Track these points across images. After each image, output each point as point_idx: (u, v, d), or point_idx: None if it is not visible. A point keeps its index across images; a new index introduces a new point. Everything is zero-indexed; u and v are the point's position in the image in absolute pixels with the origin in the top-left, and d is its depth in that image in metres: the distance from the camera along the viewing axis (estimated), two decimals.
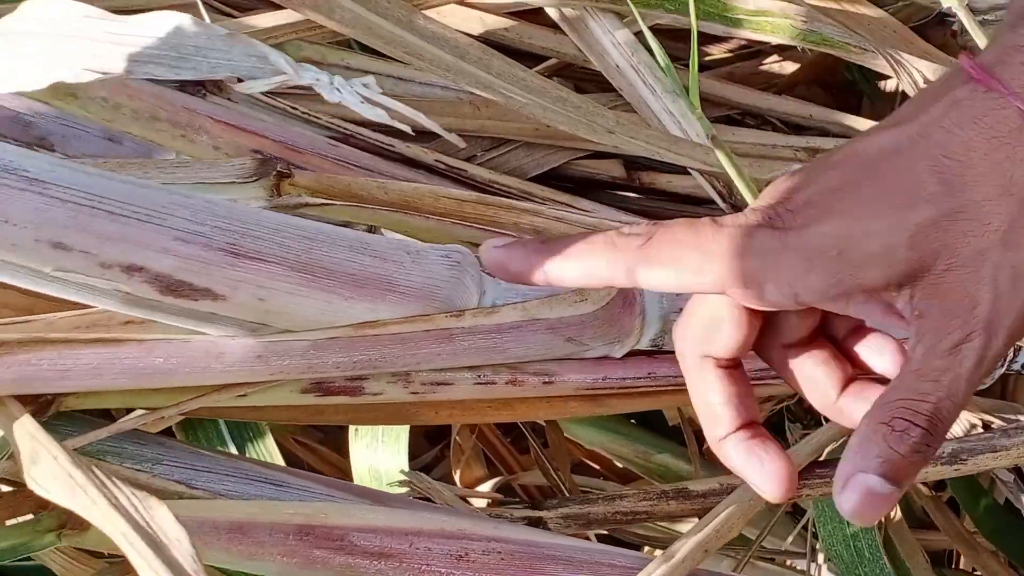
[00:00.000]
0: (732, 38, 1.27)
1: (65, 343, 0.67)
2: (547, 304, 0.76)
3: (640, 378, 0.81)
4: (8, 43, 0.63)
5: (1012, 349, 0.88)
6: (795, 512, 1.27)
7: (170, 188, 0.66)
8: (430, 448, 1.44)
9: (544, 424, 1.27)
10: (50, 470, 0.64)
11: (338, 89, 0.59)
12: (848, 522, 0.98)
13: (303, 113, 1.07)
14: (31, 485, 0.64)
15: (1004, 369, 0.90)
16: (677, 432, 1.33)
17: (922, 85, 1.14)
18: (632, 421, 1.34)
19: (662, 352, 0.82)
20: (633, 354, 0.81)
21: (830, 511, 1.02)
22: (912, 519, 1.27)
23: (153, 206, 0.64)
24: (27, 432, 0.66)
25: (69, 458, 0.63)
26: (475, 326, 0.74)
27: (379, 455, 1.00)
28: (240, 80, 0.59)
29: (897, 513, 1.16)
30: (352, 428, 1.02)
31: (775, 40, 1.16)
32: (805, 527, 1.20)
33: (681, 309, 0.78)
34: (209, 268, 0.66)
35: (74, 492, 0.62)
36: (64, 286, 0.64)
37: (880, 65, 1.15)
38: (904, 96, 1.23)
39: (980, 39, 0.88)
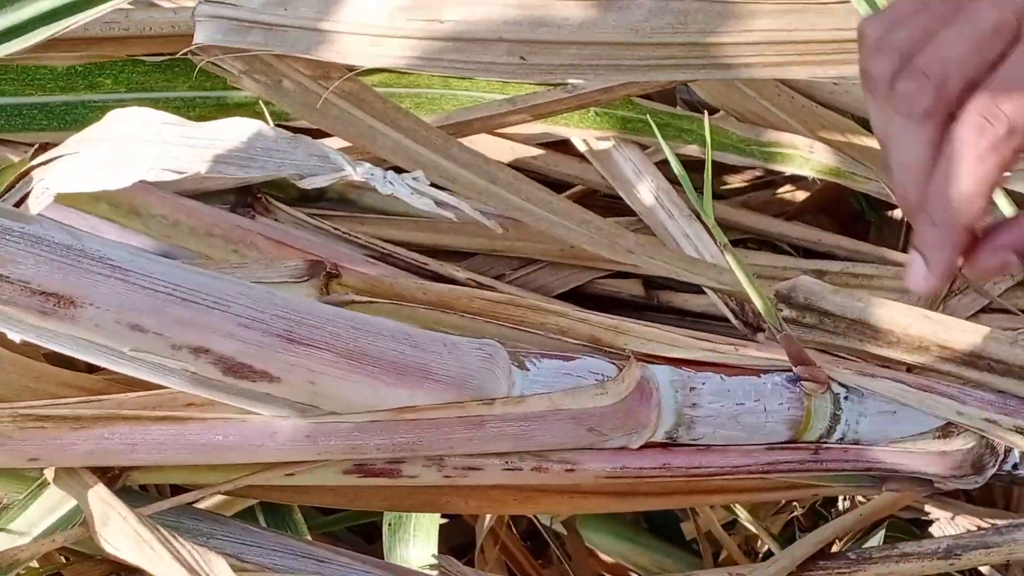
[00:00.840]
0: (747, 168, 1.35)
1: (135, 419, 0.74)
2: (570, 395, 0.83)
3: (656, 468, 0.88)
4: (91, 147, 0.71)
5: (1003, 450, 0.94)
6: None
7: (234, 279, 0.73)
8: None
9: (565, 533, 1.33)
10: (120, 529, 0.71)
11: (391, 182, 0.67)
12: None
13: (344, 233, 1.15)
14: (102, 544, 0.72)
15: (996, 470, 0.95)
16: (693, 546, 1.39)
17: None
18: (649, 532, 1.40)
19: (676, 444, 0.88)
20: (649, 446, 0.87)
21: None
22: None
23: (219, 294, 0.72)
24: (99, 498, 0.73)
25: (137, 518, 0.71)
26: (505, 414, 0.81)
27: (411, 548, 1.06)
28: (302, 177, 0.67)
29: None
30: (386, 525, 1.08)
31: (785, 170, 1.25)
32: None
33: (695, 403, 0.86)
34: (266, 352, 0.73)
35: (141, 548, 0.69)
36: (138, 365, 0.71)
37: (885, 194, 1.23)
38: (909, 225, 1.31)
39: None
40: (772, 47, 1.06)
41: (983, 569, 1.22)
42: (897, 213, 1.41)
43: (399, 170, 0.75)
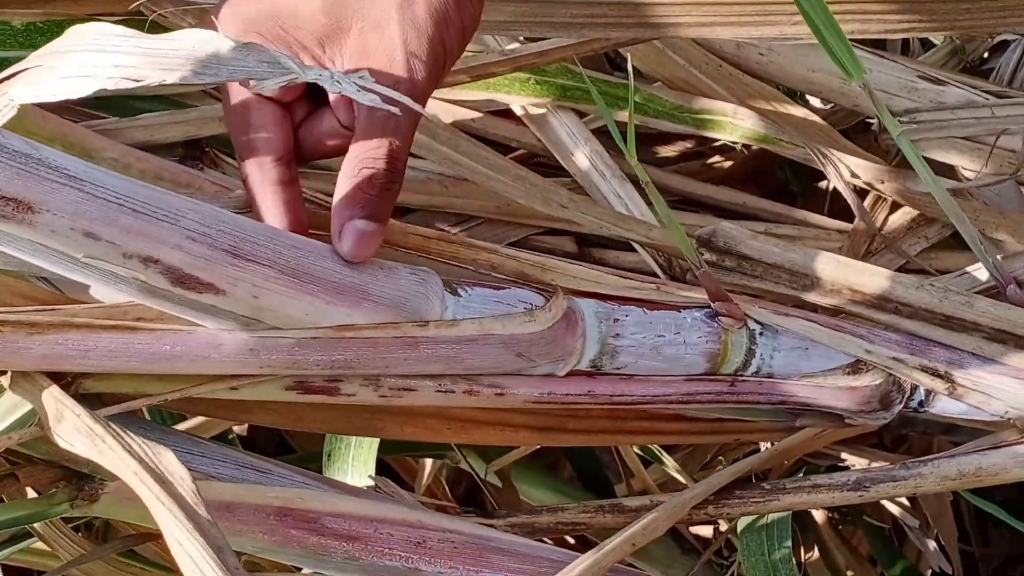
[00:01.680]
0: (679, 139, 1.41)
1: (87, 327, 0.79)
2: (500, 321, 0.88)
3: (581, 395, 0.93)
4: (54, 61, 0.75)
5: (909, 387, 1.00)
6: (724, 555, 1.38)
7: (183, 196, 0.78)
8: None
9: (500, 485, 1.38)
10: (73, 425, 0.75)
11: (338, 81, 0.71)
12: (768, 551, 1.09)
13: None
14: (56, 440, 0.76)
15: (902, 407, 1.01)
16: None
17: (849, 180, 1.28)
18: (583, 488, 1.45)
19: (601, 373, 0.93)
20: (574, 374, 0.92)
21: (753, 545, 1.12)
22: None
23: (169, 208, 0.77)
24: (53, 397, 0.77)
25: (90, 415, 0.75)
26: (438, 336, 0.86)
27: (351, 477, 1.11)
28: (255, 81, 0.71)
29: (815, 554, 1.27)
30: (326, 455, 1.13)
31: (715, 136, 1.30)
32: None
33: (618, 334, 0.91)
34: (213, 265, 0.78)
35: (94, 442, 0.74)
36: (91, 272, 0.76)
37: (811, 161, 1.29)
38: (835, 193, 1.37)
39: (889, 123, 1.01)
40: (698, 8, 1.11)
41: (892, 509, 1.28)
42: (822, 184, 1.47)
43: None
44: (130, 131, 1.16)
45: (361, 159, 0.82)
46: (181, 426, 1.13)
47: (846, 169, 1.28)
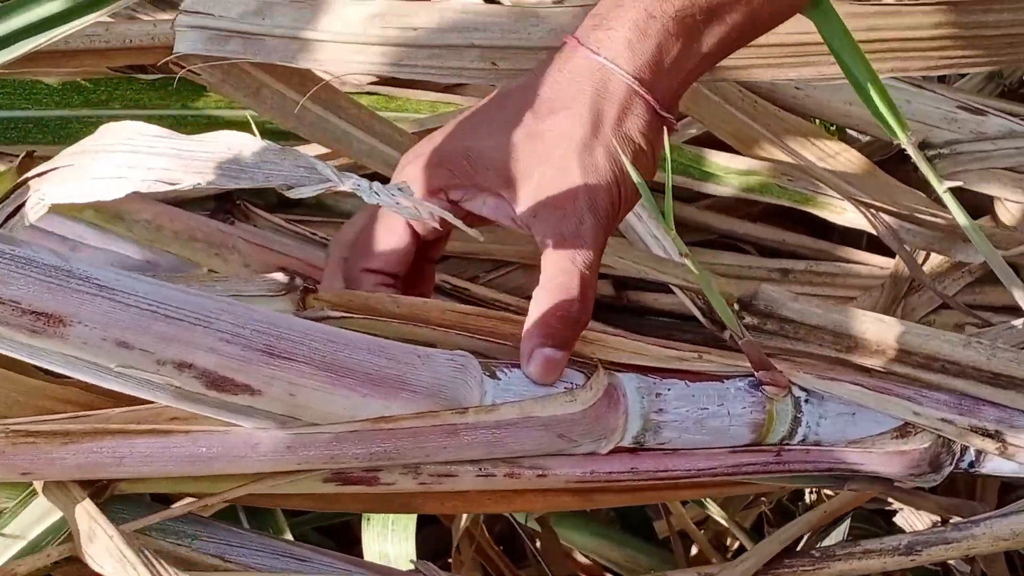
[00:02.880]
0: None
1: (122, 433, 0.77)
2: (540, 403, 0.86)
3: (624, 472, 0.91)
4: (85, 159, 0.74)
5: (959, 448, 0.98)
6: None
7: (215, 296, 0.76)
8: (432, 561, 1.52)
9: (540, 531, 1.36)
10: (105, 547, 0.74)
11: (377, 193, 0.69)
12: None
13: (321, 238, 1.18)
14: (87, 560, 0.75)
15: (952, 468, 0.99)
16: (666, 542, 1.42)
17: (887, 219, 1.26)
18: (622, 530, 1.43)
19: (644, 449, 0.91)
20: (617, 451, 0.90)
21: None
22: None
23: (202, 311, 0.75)
24: (86, 514, 0.76)
25: (122, 537, 0.74)
26: (477, 422, 0.84)
27: (389, 544, 1.10)
28: (290, 187, 0.69)
29: None
30: (364, 517, 1.12)
31: (764, 200, 1.29)
32: None
33: (661, 409, 0.89)
34: (248, 366, 0.76)
35: (124, 567, 0.73)
36: (125, 381, 0.74)
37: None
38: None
39: (929, 174, 0.99)
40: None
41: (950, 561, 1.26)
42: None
43: (385, 180, 0.78)
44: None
45: (559, 288, 0.87)
46: None
47: (877, 210, 1.26)
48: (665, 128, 0.90)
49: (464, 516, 1.34)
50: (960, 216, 0.95)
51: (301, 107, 1.17)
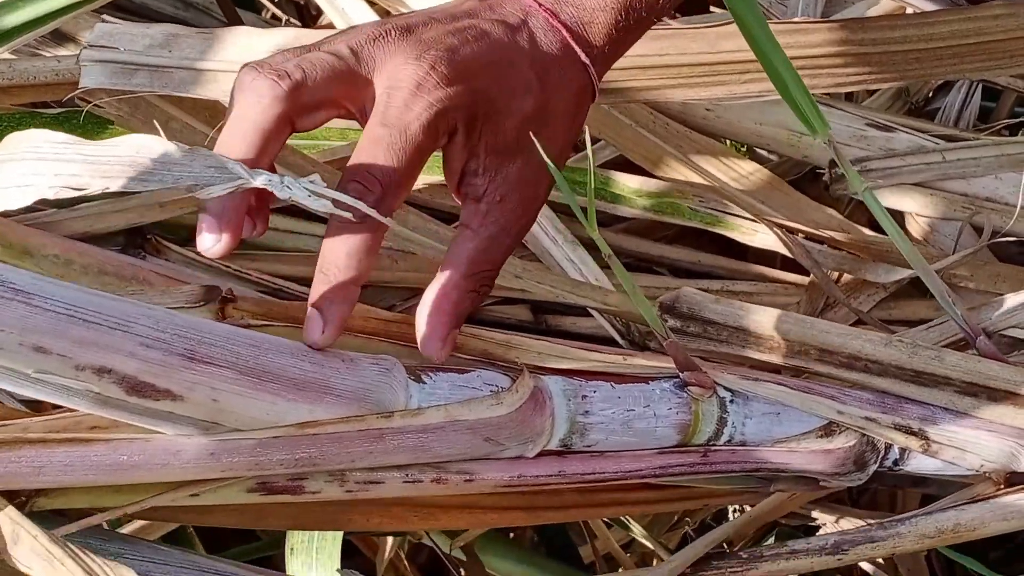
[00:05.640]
0: None
1: (41, 442, 0.76)
2: (466, 406, 0.85)
3: (551, 475, 0.90)
4: None
5: (883, 446, 0.98)
6: None
7: (135, 300, 0.75)
8: None
9: (464, 559, 1.35)
10: (30, 548, 0.72)
11: (288, 187, 0.69)
12: None
13: (236, 270, 1.17)
14: (14, 563, 0.73)
15: (877, 466, 0.99)
16: (592, 567, 1.42)
17: (800, 235, 1.27)
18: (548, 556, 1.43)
19: (571, 452, 0.91)
20: (544, 454, 0.90)
21: None
22: None
23: (121, 315, 0.74)
24: (9, 518, 0.74)
25: (47, 536, 0.72)
26: (403, 426, 0.83)
27: (314, 572, 1.08)
28: (201, 188, 0.68)
29: None
30: (288, 548, 1.10)
31: (677, 223, 1.29)
32: None
33: (587, 411, 0.89)
34: (169, 371, 0.75)
35: (53, 565, 0.71)
36: (42, 387, 0.72)
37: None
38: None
39: (855, 183, 0.99)
40: (645, 71, 1.10)
41: (866, 567, 1.26)
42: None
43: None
44: (70, 223, 1.13)
45: (476, 276, 0.87)
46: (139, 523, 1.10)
47: (785, 229, 1.27)
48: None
49: (388, 546, 1.33)
50: (885, 222, 0.96)
51: (210, 140, 1.16)
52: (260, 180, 0.68)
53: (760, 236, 1.29)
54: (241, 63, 1.06)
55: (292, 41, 1.10)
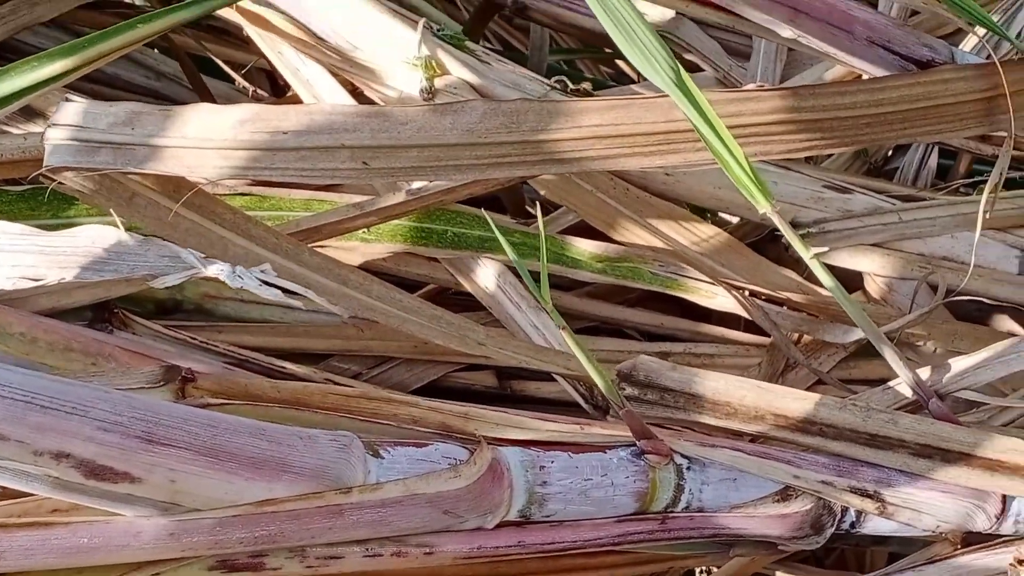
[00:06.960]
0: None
1: (1, 527, 0.77)
2: (425, 480, 0.86)
3: (511, 546, 0.91)
4: None
5: (840, 509, 0.99)
6: None
7: (92, 384, 0.76)
8: None
9: None
10: None
11: (240, 276, 0.70)
12: None
13: (201, 342, 1.18)
14: None
15: (834, 529, 1.00)
16: None
17: (752, 302, 1.28)
18: None
19: (530, 522, 0.92)
20: (504, 525, 0.91)
21: None
22: None
23: (77, 400, 0.75)
24: None
25: None
26: (362, 501, 0.84)
27: None
28: (155, 277, 0.70)
29: None
30: None
31: (637, 287, 1.31)
32: None
33: (545, 481, 0.90)
34: (127, 454, 0.76)
35: None
36: (1, 473, 0.74)
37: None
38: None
39: (795, 243, 1.01)
40: (601, 141, 1.11)
41: None
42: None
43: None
44: (36, 299, 1.13)
45: None
46: None
47: (758, 285, 1.29)
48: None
49: None
50: (830, 283, 0.98)
51: (175, 214, 1.17)
52: (212, 269, 0.70)
53: (720, 299, 1.30)
54: (202, 139, 1.08)
55: (253, 117, 1.12)
